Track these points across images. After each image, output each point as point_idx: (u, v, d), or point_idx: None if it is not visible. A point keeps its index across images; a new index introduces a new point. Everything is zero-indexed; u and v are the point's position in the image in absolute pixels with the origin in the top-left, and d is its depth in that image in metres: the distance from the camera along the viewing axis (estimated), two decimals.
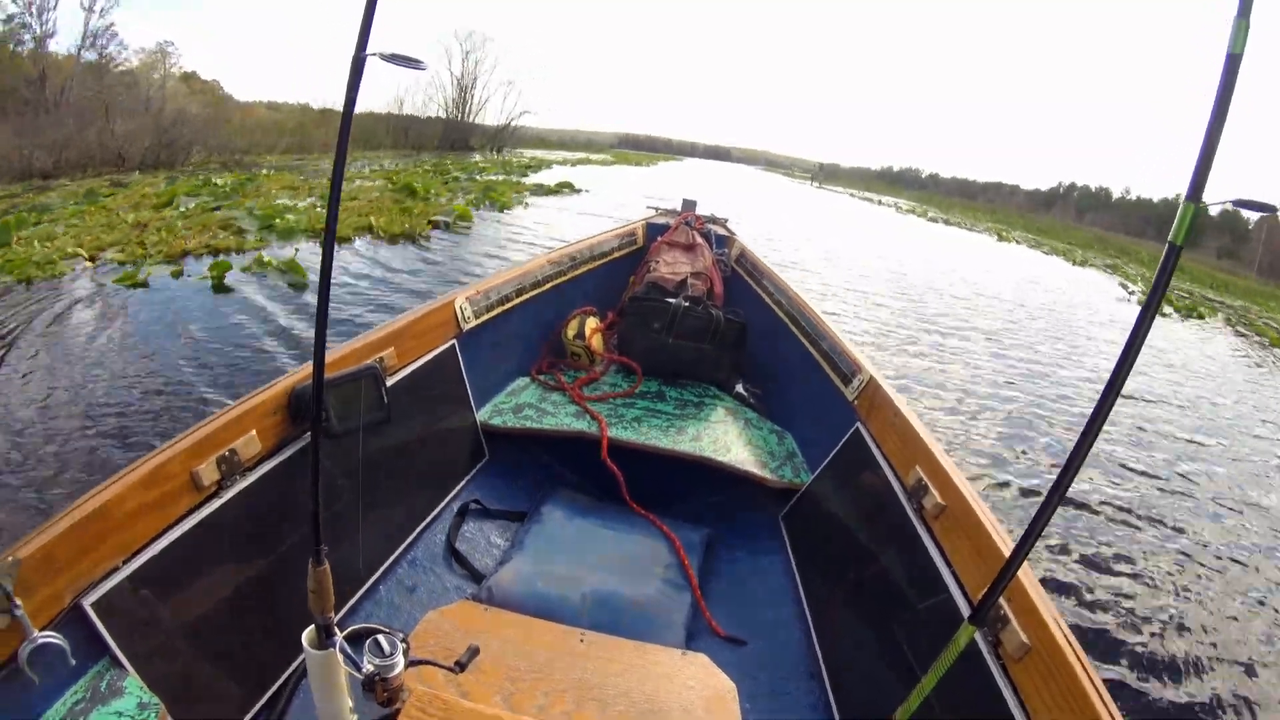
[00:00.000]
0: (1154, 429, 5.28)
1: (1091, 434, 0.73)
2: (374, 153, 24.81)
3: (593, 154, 45.83)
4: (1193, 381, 7.21)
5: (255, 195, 10.41)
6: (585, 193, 16.38)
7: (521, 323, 2.50)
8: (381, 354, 1.71)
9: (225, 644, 1.26)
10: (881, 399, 1.81)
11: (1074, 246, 28.34)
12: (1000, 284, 12.23)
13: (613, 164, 35.44)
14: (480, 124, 36.54)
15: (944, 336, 7.12)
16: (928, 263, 13.62)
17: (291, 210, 8.53)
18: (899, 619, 1.40)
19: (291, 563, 1.37)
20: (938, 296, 9.62)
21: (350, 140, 0.93)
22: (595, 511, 2.01)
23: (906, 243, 17.69)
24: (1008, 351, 6.90)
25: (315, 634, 1.00)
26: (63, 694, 1.00)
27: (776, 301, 2.73)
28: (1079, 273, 18.25)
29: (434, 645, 1.38)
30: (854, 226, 20.62)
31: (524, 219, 10.99)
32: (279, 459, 1.39)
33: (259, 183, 12.09)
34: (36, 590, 0.96)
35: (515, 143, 38.49)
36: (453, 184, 14.47)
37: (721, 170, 59.21)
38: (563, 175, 19.99)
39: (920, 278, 11.16)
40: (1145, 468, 4.44)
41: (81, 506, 1.04)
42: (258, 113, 24.41)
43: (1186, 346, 9.45)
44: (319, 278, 0.85)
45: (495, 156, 29.15)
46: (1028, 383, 5.85)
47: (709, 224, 3.48)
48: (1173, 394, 6.44)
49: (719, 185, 30.83)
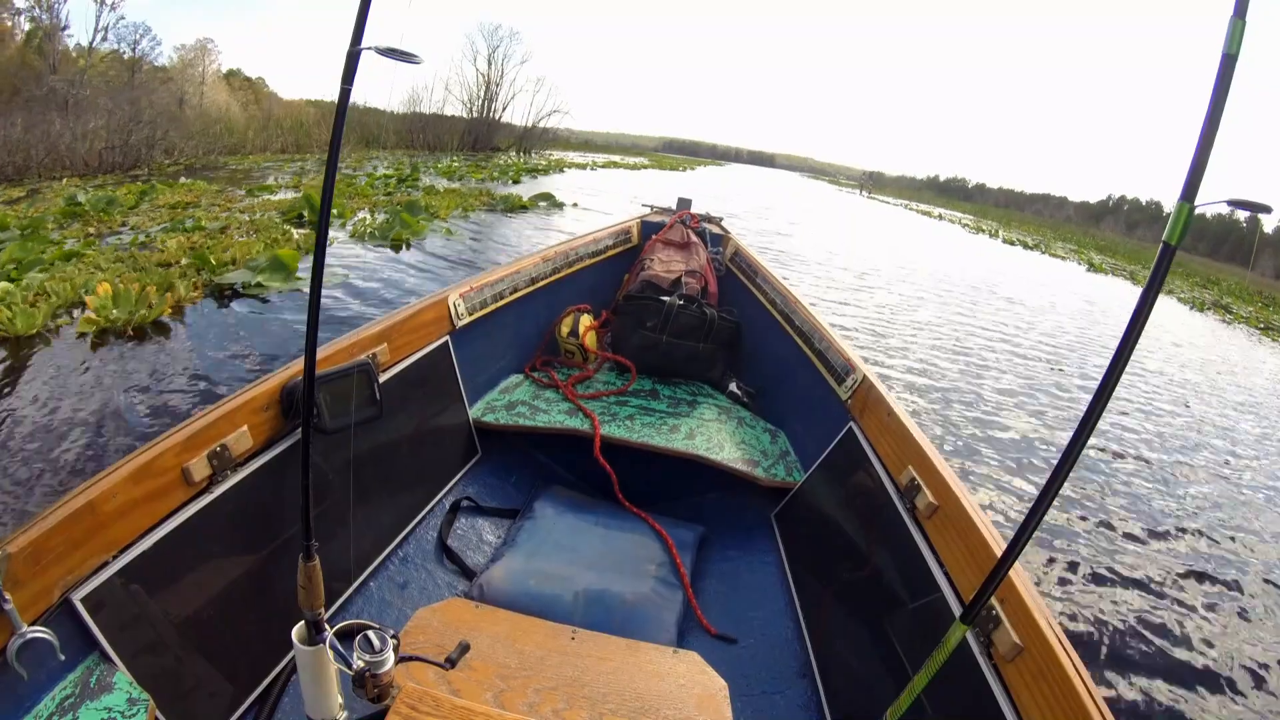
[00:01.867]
0: (1147, 427, 5.32)
1: (1084, 434, 0.73)
2: (379, 152, 22.23)
3: (630, 157, 43.84)
4: (1181, 372, 7.25)
5: (100, 221, 7.31)
6: (569, 209, 12.78)
7: (515, 320, 2.49)
8: (374, 350, 1.70)
9: (215, 639, 1.26)
10: (875, 398, 1.82)
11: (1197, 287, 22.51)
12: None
13: (645, 168, 33.58)
14: (509, 123, 34.83)
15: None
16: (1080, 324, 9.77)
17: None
18: (891, 618, 1.41)
19: (282, 559, 1.36)
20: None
21: (349, 138, 0.92)
22: (588, 509, 2.01)
23: (1006, 278, 14.09)
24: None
25: (305, 630, 1.00)
26: (52, 689, 1.00)
27: (770, 300, 2.73)
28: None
29: (424, 642, 1.37)
30: (930, 251, 17.09)
31: (403, 265, 6.59)
32: (270, 455, 1.38)
33: (156, 195, 9.53)
34: (25, 584, 0.95)
35: (547, 144, 37.10)
36: (371, 193, 11.36)
37: (764, 177, 57.20)
38: (567, 182, 17.97)
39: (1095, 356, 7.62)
40: (1138, 467, 4.47)
41: (71, 501, 1.03)
42: (299, 110, 23.59)
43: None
44: (311, 273, 0.84)
45: (519, 159, 27.44)
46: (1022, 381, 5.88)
47: (704, 222, 3.48)
48: (1166, 391, 6.49)
49: (761, 193, 28.87)
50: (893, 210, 35.82)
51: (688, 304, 2.62)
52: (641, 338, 2.58)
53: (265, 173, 14.72)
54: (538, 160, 26.95)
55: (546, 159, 28.97)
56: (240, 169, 15.55)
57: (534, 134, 35.22)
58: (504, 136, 33.05)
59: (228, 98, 21.38)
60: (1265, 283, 34.27)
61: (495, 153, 29.63)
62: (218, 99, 20.51)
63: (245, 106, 20.85)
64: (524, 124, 35.31)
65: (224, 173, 14.36)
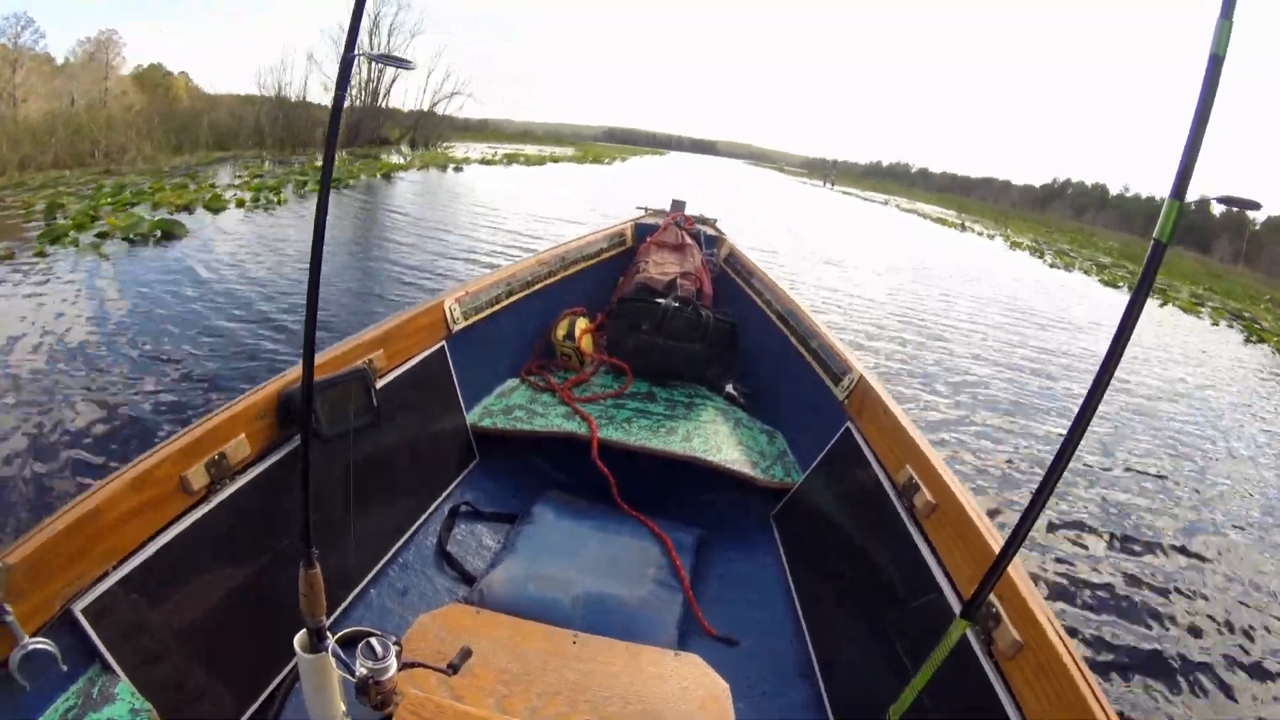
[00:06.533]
0: (1144, 423, 5.35)
1: (1079, 429, 0.74)
2: (187, 156, 14.97)
3: (553, 148, 37.97)
4: (1175, 369, 7.26)
5: None
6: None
7: (511, 324, 2.49)
8: (370, 356, 1.70)
9: (217, 648, 1.26)
10: (872, 398, 1.82)
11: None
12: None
13: (558, 161, 27.78)
14: (400, 109, 27.46)
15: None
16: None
17: None
18: (891, 617, 1.41)
19: (282, 566, 1.36)
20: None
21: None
22: (586, 513, 2.01)
23: (1037, 293, 12.05)
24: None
25: (307, 638, 0.99)
26: (54, 700, 0.99)
27: (766, 301, 2.74)
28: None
29: (425, 649, 1.37)
30: (940, 261, 14.42)
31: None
32: (268, 462, 1.38)
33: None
34: (26, 596, 0.95)
35: (448, 134, 29.57)
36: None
37: (707, 166, 52.67)
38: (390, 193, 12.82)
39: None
40: (1135, 461, 4.49)
41: (71, 510, 1.03)
42: (226, 105, 20.15)
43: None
44: (308, 281, 0.84)
45: (410, 152, 22.70)
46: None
47: (698, 224, 3.49)
48: (1163, 387, 6.51)
49: (705, 189, 24.12)
50: (861, 204, 30.69)
51: (683, 306, 2.62)
52: (637, 340, 2.58)
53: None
54: (406, 157, 20.53)
55: (436, 152, 23.74)
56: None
57: (430, 121, 27.95)
58: (395, 125, 26.72)
59: (136, 95, 18.07)
60: (1224, 268, 34.33)
61: (384, 145, 24.23)
62: (125, 96, 17.62)
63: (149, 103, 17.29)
64: (417, 109, 28.01)
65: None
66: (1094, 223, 50.37)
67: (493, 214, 11.14)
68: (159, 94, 19.82)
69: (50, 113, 14.16)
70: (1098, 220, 51.83)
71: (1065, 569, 3.04)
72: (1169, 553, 3.37)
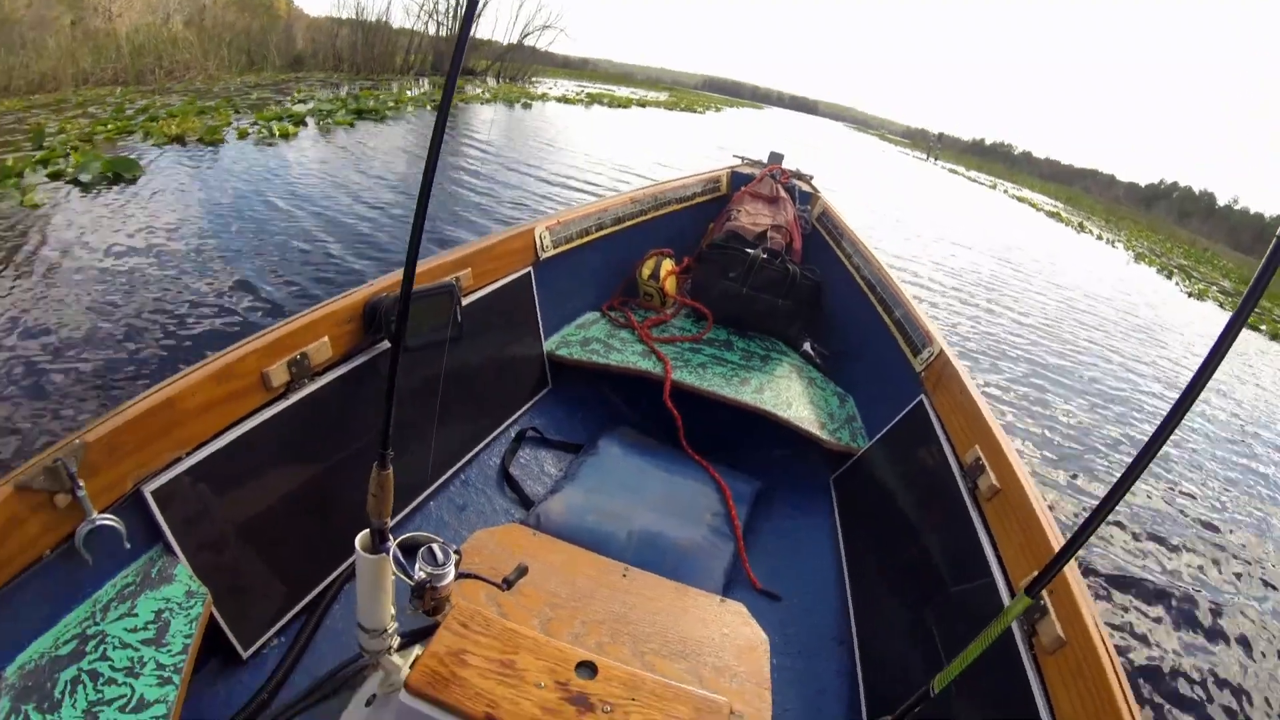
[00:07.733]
0: (1229, 437, 4.97)
1: (1161, 437, 0.68)
2: (252, 77, 14.10)
3: (652, 91, 36.07)
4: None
5: None
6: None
7: (598, 257, 2.49)
8: (458, 274, 1.73)
9: (276, 541, 1.31)
10: (949, 374, 1.75)
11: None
12: None
13: (645, 106, 25.27)
14: (491, 40, 24.49)
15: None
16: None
17: None
18: (936, 596, 1.38)
19: (348, 469, 1.42)
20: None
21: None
22: (651, 452, 2.03)
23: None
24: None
25: (369, 538, 0.99)
26: (114, 576, 1.05)
27: (855, 265, 2.64)
28: None
29: (480, 563, 1.41)
30: (1064, 267, 11.73)
31: None
32: (348, 366, 1.43)
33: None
34: (99, 473, 0.99)
35: (536, 69, 26.97)
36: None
37: (807, 126, 47.71)
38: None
39: None
40: (1215, 478, 4.20)
41: (151, 396, 1.07)
42: (306, 24, 19.15)
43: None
44: (419, 191, 0.81)
45: (497, 85, 20.74)
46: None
47: (794, 179, 3.37)
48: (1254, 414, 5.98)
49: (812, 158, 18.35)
50: (988, 194, 26.24)
51: (771, 258, 2.57)
52: (722, 287, 2.54)
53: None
54: (488, 90, 18.87)
55: (522, 87, 21.96)
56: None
57: (519, 54, 25.37)
58: (482, 57, 24.75)
59: (235, 15, 16.37)
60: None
61: (471, 76, 22.51)
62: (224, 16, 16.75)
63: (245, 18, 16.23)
64: (505, 41, 24.89)
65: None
66: (1198, 232, 45.48)
67: (513, 160, 8.82)
68: (258, 12, 19.26)
69: (135, 27, 13.63)
70: (1202, 230, 46.89)
71: (1116, 567, 2.90)
72: (1231, 567, 3.16)
